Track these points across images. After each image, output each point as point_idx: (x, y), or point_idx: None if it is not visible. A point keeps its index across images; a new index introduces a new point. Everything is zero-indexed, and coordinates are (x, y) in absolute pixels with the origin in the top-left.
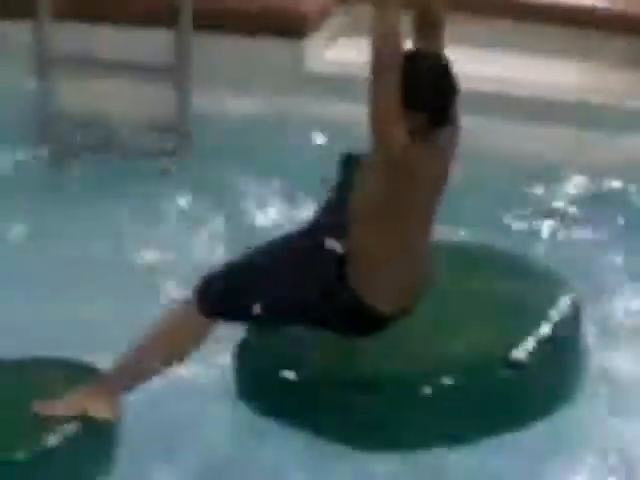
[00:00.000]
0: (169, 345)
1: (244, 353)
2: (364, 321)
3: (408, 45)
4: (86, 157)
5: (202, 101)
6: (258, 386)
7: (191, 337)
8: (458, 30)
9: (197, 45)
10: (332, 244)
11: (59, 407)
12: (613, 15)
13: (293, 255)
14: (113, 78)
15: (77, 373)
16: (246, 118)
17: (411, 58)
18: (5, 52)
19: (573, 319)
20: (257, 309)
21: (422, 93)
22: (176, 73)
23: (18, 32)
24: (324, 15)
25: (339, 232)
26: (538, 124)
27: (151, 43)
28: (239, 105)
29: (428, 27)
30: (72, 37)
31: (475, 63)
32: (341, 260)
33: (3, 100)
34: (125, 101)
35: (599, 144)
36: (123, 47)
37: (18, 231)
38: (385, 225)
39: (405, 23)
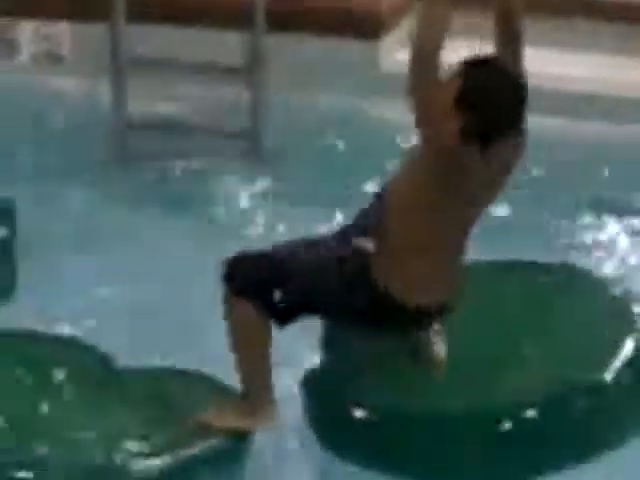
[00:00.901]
0: (244, 342)
1: (313, 380)
2: (390, 312)
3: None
4: (160, 159)
5: (276, 102)
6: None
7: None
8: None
9: (271, 46)
10: (359, 241)
11: (215, 418)
12: None
13: (322, 249)
14: (187, 80)
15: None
16: (320, 118)
17: (484, 63)
18: (80, 54)
19: None
20: (284, 292)
21: (490, 101)
22: (250, 74)
23: (93, 34)
24: (399, 15)
25: (367, 231)
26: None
27: (225, 45)
28: (312, 105)
29: (508, 41)
30: (145, 39)
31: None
32: (367, 255)
33: (78, 102)
34: (199, 103)
35: None
36: (197, 49)
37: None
38: (422, 216)
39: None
